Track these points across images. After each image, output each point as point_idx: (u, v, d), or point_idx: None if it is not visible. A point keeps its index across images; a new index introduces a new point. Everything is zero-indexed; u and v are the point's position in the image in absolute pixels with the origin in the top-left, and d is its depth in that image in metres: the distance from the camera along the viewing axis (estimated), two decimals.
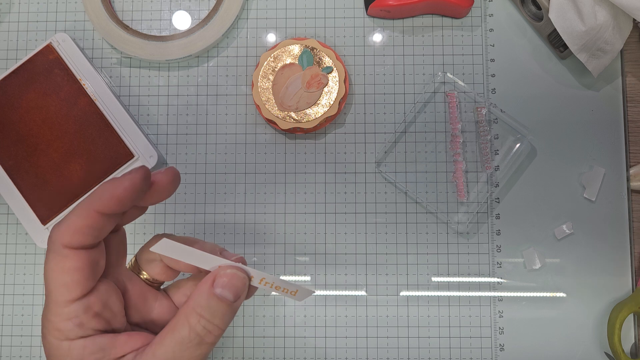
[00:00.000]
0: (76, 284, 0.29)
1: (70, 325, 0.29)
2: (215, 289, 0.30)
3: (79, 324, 0.29)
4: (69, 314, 0.29)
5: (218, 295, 0.30)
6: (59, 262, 0.28)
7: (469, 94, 0.50)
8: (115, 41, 0.50)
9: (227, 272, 0.30)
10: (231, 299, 0.30)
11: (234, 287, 0.30)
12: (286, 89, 0.48)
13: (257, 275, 0.32)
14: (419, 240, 0.49)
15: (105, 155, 0.48)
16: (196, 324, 0.29)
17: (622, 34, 0.45)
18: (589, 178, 0.49)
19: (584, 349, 0.47)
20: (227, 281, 0.30)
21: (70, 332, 0.29)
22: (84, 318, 0.29)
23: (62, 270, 0.28)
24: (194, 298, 0.30)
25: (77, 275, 0.29)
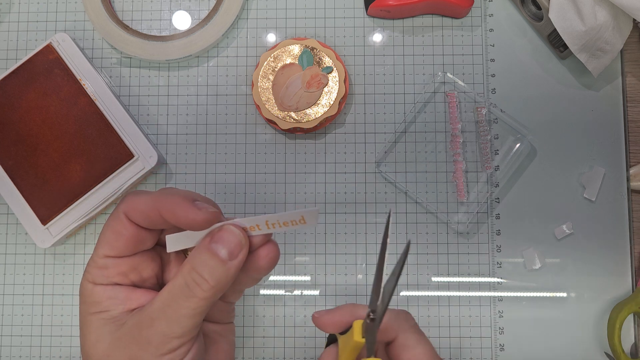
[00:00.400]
0: (115, 246, 0.32)
1: (98, 272, 0.32)
2: (210, 244, 0.31)
3: (105, 275, 0.32)
4: (100, 264, 0.33)
5: (211, 250, 0.31)
6: (113, 222, 0.33)
7: (469, 94, 0.50)
8: (115, 41, 0.50)
9: (224, 226, 0.31)
10: (224, 254, 0.31)
11: (227, 242, 0.31)
12: (286, 89, 0.48)
13: (260, 220, 0.31)
14: (419, 240, 0.49)
15: (105, 155, 0.48)
16: (187, 274, 0.31)
17: (622, 34, 0.45)
18: (589, 178, 0.49)
19: (584, 349, 0.47)
20: (220, 235, 0.31)
21: (97, 278, 0.33)
22: (111, 272, 0.33)
23: (111, 229, 0.32)
24: (192, 253, 0.32)
25: (120, 240, 0.32)
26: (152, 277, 0.34)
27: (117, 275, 0.33)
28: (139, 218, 0.32)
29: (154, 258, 0.34)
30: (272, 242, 0.33)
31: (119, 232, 0.32)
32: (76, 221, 0.47)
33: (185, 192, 0.32)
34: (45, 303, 0.49)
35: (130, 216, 0.32)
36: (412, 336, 0.33)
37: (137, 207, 0.32)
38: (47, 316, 0.49)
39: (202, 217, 0.31)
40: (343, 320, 0.34)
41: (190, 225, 0.31)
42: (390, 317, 0.34)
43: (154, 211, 0.31)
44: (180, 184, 0.50)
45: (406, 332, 0.33)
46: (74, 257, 0.50)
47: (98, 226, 0.50)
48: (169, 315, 0.30)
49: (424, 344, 0.33)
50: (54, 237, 0.47)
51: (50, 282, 0.50)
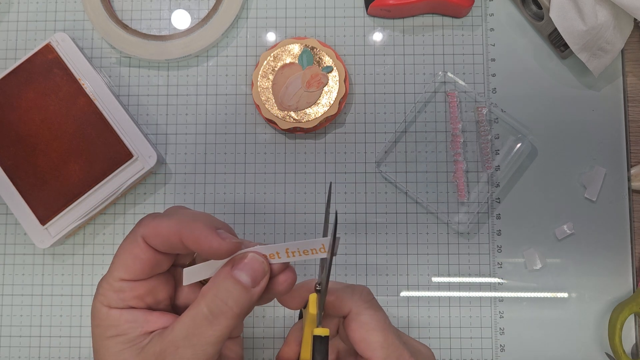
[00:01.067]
0: (132, 270, 0.32)
1: (114, 296, 0.32)
2: (233, 271, 0.31)
3: (122, 298, 0.32)
4: (116, 287, 0.32)
5: (235, 277, 0.31)
6: (130, 245, 0.32)
7: (470, 94, 0.50)
8: (115, 41, 0.50)
9: (248, 254, 0.32)
10: (248, 282, 0.31)
11: (252, 270, 0.31)
12: (286, 88, 0.48)
13: (280, 248, 0.32)
14: (419, 241, 0.49)
15: (104, 155, 0.48)
16: (210, 302, 0.30)
17: (623, 33, 0.45)
18: (590, 178, 0.48)
19: (585, 349, 0.47)
20: (245, 263, 0.31)
21: (112, 302, 0.32)
22: (128, 295, 0.32)
23: (129, 252, 0.32)
24: (213, 279, 0.32)
25: (137, 264, 0.32)
26: (166, 299, 0.34)
27: (133, 299, 0.32)
28: (158, 243, 0.32)
29: (168, 280, 0.34)
30: (290, 269, 0.33)
31: (137, 256, 0.32)
32: (75, 221, 0.47)
33: (206, 218, 0.32)
34: (44, 303, 0.49)
35: (149, 240, 0.32)
36: (366, 313, 0.34)
37: (158, 232, 0.31)
38: (46, 316, 0.49)
39: (226, 247, 0.31)
40: (300, 295, 0.34)
41: (213, 254, 0.31)
42: (346, 292, 0.34)
43: (176, 237, 0.31)
44: (179, 184, 0.50)
45: (359, 306, 0.34)
46: (73, 257, 0.50)
47: (97, 226, 0.50)
48: (194, 343, 0.30)
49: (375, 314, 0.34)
50: (53, 237, 0.47)
51: (49, 282, 0.50)
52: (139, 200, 0.50)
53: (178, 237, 0.31)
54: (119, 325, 0.32)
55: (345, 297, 0.34)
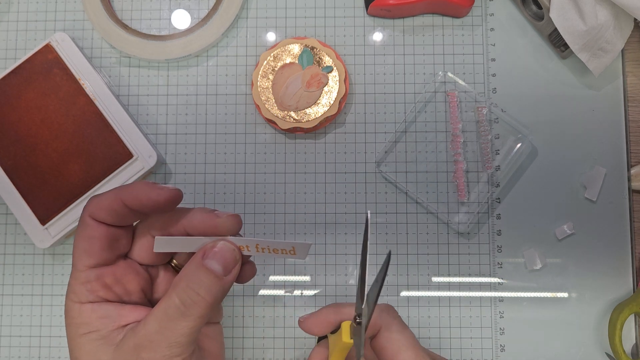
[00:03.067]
0: (94, 251, 0.31)
1: (82, 289, 0.31)
2: (204, 260, 0.31)
3: (90, 290, 0.31)
4: (82, 279, 0.31)
5: (206, 266, 0.31)
6: (83, 230, 0.32)
7: (470, 94, 0.50)
8: (115, 41, 0.50)
9: (218, 243, 0.31)
10: (220, 270, 0.31)
11: (223, 258, 0.31)
12: (286, 88, 0.48)
13: (251, 242, 0.32)
14: (419, 241, 0.49)
15: (104, 155, 0.48)
16: (182, 293, 0.30)
17: (623, 33, 0.45)
18: (590, 178, 0.48)
19: (585, 349, 0.47)
20: (216, 251, 0.31)
21: (82, 296, 0.31)
22: (95, 285, 0.31)
23: (83, 237, 0.31)
24: (184, 269, 0.31)
25: (96, 244, 0.31)
26: (138, 292, 0.33)
27: (102, 289, 0.31)
28: (105, 215, 0.31)
29: (138, 271, 0.33)
30: (251, 262, 0.34)
31: (91, 237, 0.31)
32: (75, 221, 0.47)
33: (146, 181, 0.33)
34: (44, 303, 0.49)
35: (97, 216, 0.31)
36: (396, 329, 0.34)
37: (101, 205, 0.31)
38: (46, 316, 0.49)
39: (165, 195, 0.31)
40: (328, 321, 0.34)
41: (155, 206, 0.31)
42: (375, 313, 0.34)
43: (118, 202, 0.31)
44: (179, 183, 0.50)
45: (390, 326, 0.34)
46: None
47: None
48: (167, 336, 0.30)
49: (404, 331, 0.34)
50: (53, 237, 0.47)
51: (49, 282, 0.50)
52: None
53: (119, 202, 0.31)
54: (91, 322, 0.31)
55: (374, 317, 0.34)
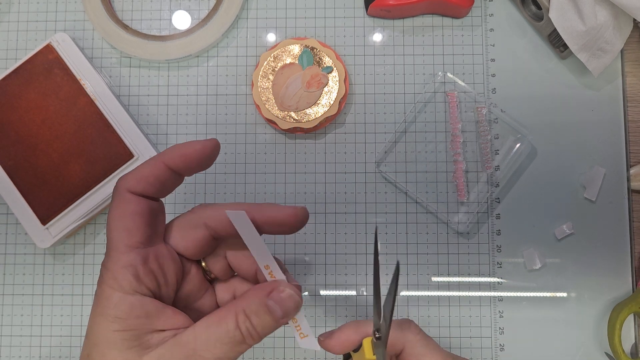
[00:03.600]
0: (137, 228, 0.29)
1: (127, 274, 0.29)
2: (269, 300, 0.31)
3: (135, 275, 0.29)
4: (127, 261, 0.29)
5: (269, 307, 0.31)
6: (123, 207, 0.30)
7: (469, 94, 0.50)
8: (115, 41, 0.50)
9: (286, 290, 0.31)
10: (280, 315, 0.31)
11: (286, 307, 0.31)
12: (286, 88, 0.48)
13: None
14: (419, 240, 0.49)
15: (104, 155, 0.48)
16: (242, 323, 0.30)
17: (622, 33, 0.45)
18: (590, 178, 0.49)
19: (584, 349, 0.47)
20: (283, 298, 0.31)
21: (126, 283, 0.29)
22: (141, 269, 0.29)
23: (125, 213, 0.30)
24: (247, 299, 0.31)
25: (139, 220, 0.30)
26: (174, 283, 0.32)
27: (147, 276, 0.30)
28: (146, 186, 0.30)
29: (175, 260, 0.32)
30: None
31: (133, 212, 0.30)
32: (76, 221, 0.47)
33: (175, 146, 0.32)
34: (45, 303, 0.49)
35: (136, 189, 0.30)
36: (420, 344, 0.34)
37: (140, 175, 0.30)
38: (47, 316, 0.49)
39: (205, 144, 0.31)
40: (350, 340, 0.34)
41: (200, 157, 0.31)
42: (395, 328, 0.34)
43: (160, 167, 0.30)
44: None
45: (413, 342, 0.34)
46: (73, 257, 0.50)
47: (98, 226, 0.50)
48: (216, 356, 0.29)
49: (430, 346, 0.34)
50: (53, 237, 0.47)
51: (50, 282, 0.50)
52: None
53: (162, 166, 0.30)
54: (128, 319, 0.29)
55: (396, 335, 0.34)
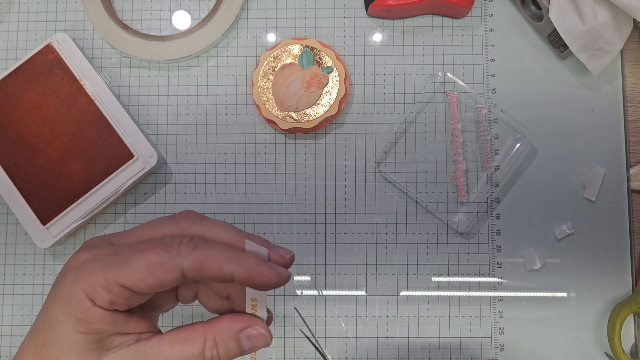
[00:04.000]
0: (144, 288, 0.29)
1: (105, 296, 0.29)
2: (241, 335, 0.32)
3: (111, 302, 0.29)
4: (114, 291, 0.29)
5: (240, 339, 0.32)
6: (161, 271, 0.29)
7: (469, 94, 0.50)
8: (115, 41, 0.50)
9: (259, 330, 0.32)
10: (247, 350, 0.32)
11: (255, 344, 0.32)
12: (286, 89, 0.48)
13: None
14: (419, 240, 0.49)
15: (105, 155, 0.48)
16: (209, 349, 0.31)
17: (622, 33, 0.45)
18: (589, 178, 0.49)
19: (584, 349, 0.47)
20: (254, 335, 0.32)
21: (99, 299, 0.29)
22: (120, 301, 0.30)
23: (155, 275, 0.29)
24: (220, 327, 0.31)
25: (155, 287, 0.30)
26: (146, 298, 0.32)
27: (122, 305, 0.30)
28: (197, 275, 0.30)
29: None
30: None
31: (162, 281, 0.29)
32: (76, 221, 0.47)
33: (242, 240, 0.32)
34: None
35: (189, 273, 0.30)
36: None
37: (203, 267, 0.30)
38: None
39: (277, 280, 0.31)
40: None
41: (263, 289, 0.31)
42: None
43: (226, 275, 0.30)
44: (180, 184, 0.50)
45: None
46: None
47: (98, 226, 0.50)
48: None
49: None
50: (53, 237, 0.47)
51: (50, 282, 0.50)
52: (139, 200, 0.50)
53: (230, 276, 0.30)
54: (94, 324, 0.29)
55: None
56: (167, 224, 0.33)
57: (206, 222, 0.33)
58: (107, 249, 0.32)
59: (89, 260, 0.31)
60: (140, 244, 0.31)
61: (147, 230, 0.33)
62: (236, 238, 0.32)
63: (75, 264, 0.31)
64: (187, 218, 0.33)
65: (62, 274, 0.31)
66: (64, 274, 0.31)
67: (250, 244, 0.31)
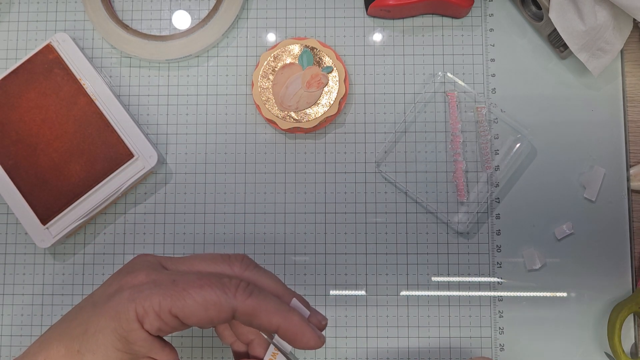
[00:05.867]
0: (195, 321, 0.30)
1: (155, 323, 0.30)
2: None
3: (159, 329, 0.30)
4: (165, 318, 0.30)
5: None
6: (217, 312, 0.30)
7: (469, 94, 0.50)
8: (115, 41, 0.50)
9: None
10: None
11: None
12: (286, 88, 0.48)
13: None
14: (419, 240, 0.49)
15: (105, 155, 0.48)
16: None
17: (622, 33, 0.45)
18: (589, 178, 0.49)
19: (584, 349, 0.47)
20: None
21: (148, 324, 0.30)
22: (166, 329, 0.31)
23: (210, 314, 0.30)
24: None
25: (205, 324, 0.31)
26: None
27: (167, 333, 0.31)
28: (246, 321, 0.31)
29: None
30: None
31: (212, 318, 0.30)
32: (76, 221, 0.47)
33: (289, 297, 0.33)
34: (45, 303, 0.49)
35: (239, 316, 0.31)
36: None
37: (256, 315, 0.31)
38: (47, 316, 0.49)
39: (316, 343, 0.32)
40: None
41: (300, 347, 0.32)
42: None
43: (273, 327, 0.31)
44: (180, 183, 0.50)
45: None
46: (73, 257, 0.50)
47: (98, 226, 0.50)
48: None
49: None
50: (53, 237, 0.47)
51: (49, 282, 0.50)
52: (139, 200, 0.50)
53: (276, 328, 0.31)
54: (135, 345, 0.30)
55: None
56: (222, 264, 0.33)
57: (259, 270, 0.34)
58: (165, 275, 0.32)
59: (148, 284, 0.31)
60: (198, 279, 0.31)
61: (202, 264, 0.33)
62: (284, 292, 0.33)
63: (133, 282, 0.32)
64: (243, 262, 0.34)
65: (118, 289, 0.32)
66: (120, 291, 0.31)
67: (297, 303, 0.32)
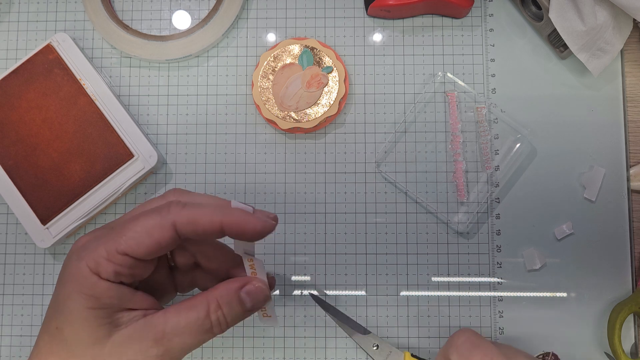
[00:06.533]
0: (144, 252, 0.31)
1: (110, 268, 0.31)
2: (241, 293, 0.33)
3: (117, 273, 0.31)
4: (117, 260, 0.31)
5: (241, 297, 0.33)
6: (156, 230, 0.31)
7: (469, 94, 0.50)
8: (115, 41, 0.50)
9: (256, 284, 0.34)
10: (249, 307, 0.34)
11: (255, 299, 0.34)
12: (286, 88, 0.48)
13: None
14: (419, 240, 0.49)
15: (105, 155, 0.48)
16: (213, 312, 0.32)
17: (622, 33, 0.45)
18: (589, 178, 0.49)
19: (584, 349, 0.47)
20: (253, 290, 0.34)
21: (104, 272, 0.31)
22: (124, 271, 0.31)
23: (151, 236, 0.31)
24: (220, 290, 0.33)
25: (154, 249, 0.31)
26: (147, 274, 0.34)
27: (128, 276, 0.31)
28: (190, 231, 0.31)
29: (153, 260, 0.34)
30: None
31: (159, 242, 0.31)
32: (76, 221, 0.47)
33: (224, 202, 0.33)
34: (45, 303, 0.49)
35: (181, 228, 0.31)
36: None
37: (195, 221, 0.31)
38: None
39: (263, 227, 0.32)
40: None
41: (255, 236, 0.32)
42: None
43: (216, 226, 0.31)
44: (180, 184, 0.50)
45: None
46: None
47: (98, 226, 0.50)
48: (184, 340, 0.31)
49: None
50: (53, 237, 0.47)
51: (50, 282, 0.50)
52: (139, 200, 0.50)
53: (219, 225, 0.31)
54: (102, 298, 0.31)
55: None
56: (157, 200, 0.34)
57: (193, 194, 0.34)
58: (102, 228, 0.33)
59: (89, 240, 0.32)
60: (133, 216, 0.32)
61: (139, 208, 0.34)
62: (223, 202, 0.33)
63: (77, 246, 0.32)
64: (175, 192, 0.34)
65: (67, 258, 0.33)
66: (69, 257, 0.32)
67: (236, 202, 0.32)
